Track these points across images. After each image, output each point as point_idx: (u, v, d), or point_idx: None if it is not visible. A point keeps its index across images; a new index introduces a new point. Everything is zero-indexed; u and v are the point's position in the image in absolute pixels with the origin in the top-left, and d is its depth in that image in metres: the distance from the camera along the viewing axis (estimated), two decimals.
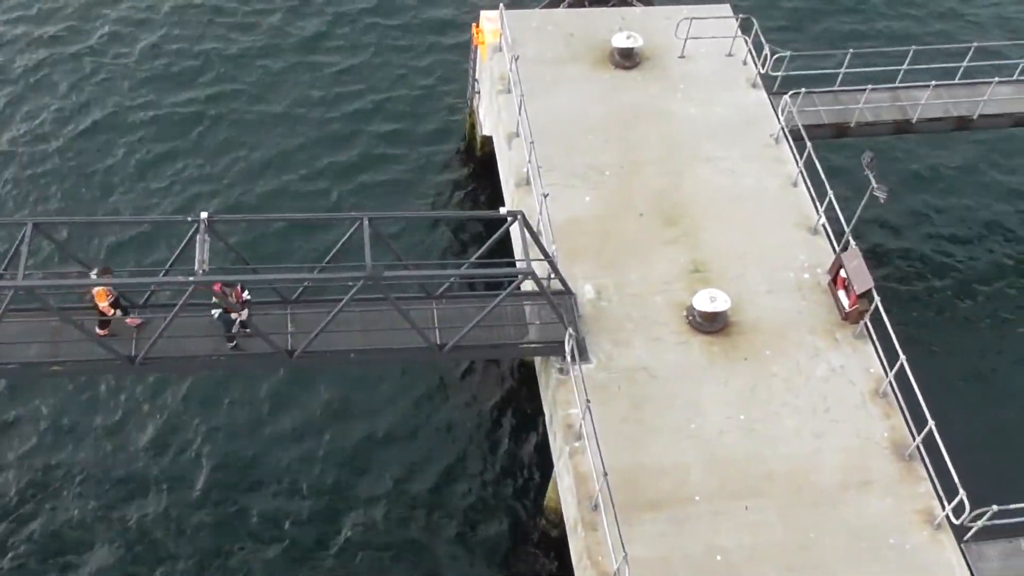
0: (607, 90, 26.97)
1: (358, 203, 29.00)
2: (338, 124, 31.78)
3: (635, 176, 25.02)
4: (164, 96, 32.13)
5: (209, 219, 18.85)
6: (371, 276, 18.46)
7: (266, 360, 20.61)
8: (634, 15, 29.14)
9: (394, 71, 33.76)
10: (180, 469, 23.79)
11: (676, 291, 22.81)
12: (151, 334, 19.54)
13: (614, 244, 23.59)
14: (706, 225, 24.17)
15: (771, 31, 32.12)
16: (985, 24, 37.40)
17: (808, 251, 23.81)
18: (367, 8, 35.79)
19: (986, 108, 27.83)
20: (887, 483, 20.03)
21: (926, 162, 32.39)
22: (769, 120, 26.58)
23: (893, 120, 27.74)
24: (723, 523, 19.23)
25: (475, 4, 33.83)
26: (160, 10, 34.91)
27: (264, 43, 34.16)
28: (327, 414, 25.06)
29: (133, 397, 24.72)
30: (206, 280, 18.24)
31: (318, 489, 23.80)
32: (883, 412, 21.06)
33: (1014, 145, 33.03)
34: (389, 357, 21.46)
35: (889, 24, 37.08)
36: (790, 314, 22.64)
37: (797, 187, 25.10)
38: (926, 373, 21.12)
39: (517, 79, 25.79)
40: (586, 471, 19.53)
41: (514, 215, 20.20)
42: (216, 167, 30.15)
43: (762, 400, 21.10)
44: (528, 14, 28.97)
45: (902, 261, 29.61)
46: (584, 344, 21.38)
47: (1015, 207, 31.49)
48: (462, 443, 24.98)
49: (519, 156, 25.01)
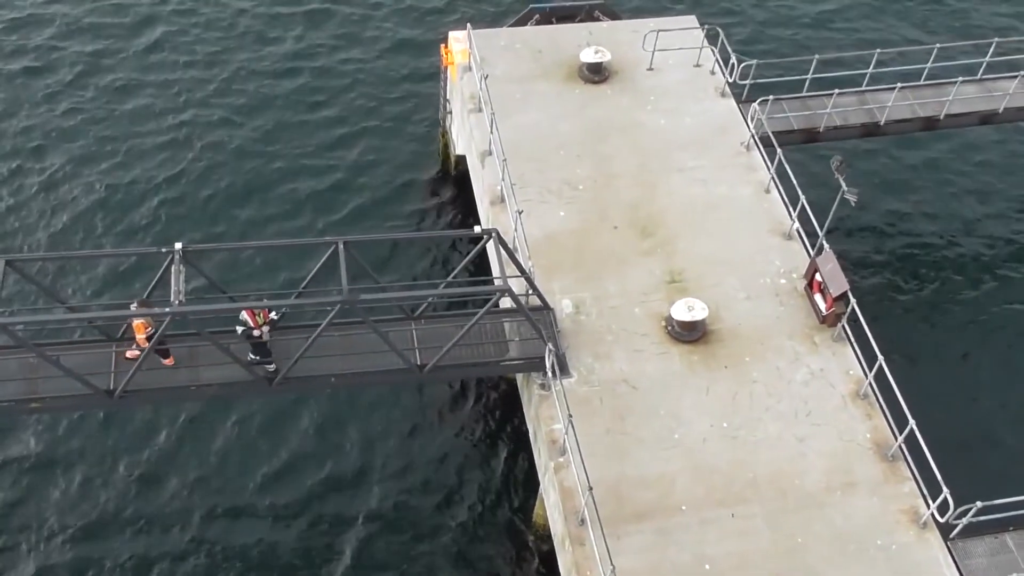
0: (577, 105, 27.12)
1: (334, 227, 28.99)
2: (313, 148, 31.80)
3: (609, 189, 25.14)
4: (138, 126, 32.09)
5: (184, 249, 18.82)
6: (348, 300, 18.48)
7: (247, 388, 20.54)
8: (601, 30, 29.33)
9: (367, 93, 33.84)
10: (166, 500, 23.68)
11: (654, 302, 22.90)
12: (129, 367, 19.46)
13: (591, 258, 23.67)
14: (681, 235, 24.30)
15: (737, 41, 32.49)
16: (947, 25, 37.82)
17: (783, 256, 23.97)
18: (338, 34, 35.87)
19: (952, 108, 28.13)
20: (871, 484, 20.13)
21: (896, 164, 32.66)
22: (739, 128, 26.78)
23: (861, 123, 27.98)
24: (710, 532, 19.27)
25: (443, 23, 34.08)
26: (131, 42, 34.92)
27: (234, 71, 34.20)
28: (312, 436, 25.00)
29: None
30: (183, 311, 18.18)
31: (302, 513, 23.72)
32: (864, 413, 21.18)
33: (982, 145, 33.36)
34: (370, 380, 21.41)
35: (854, 28, 37.44)
36: (768, 320, 22.76)
37: (770, 193, 25.28)
38: (905, 373, 21.33)
39: (487, 98, 25.89)
40: (571, 486, 19.53)
41: (488, 233, 20.24)
42: (192, 196, 30.10)
43: (744, 407, 21.17)
44: (496, 33, 29.12)
45: (876, 262, 29.82)
46: (564, 359, 21.42)
47: (986, 206, 31.77)
48: (448, 462, 24.93)
49: (493, 174, 25.09)
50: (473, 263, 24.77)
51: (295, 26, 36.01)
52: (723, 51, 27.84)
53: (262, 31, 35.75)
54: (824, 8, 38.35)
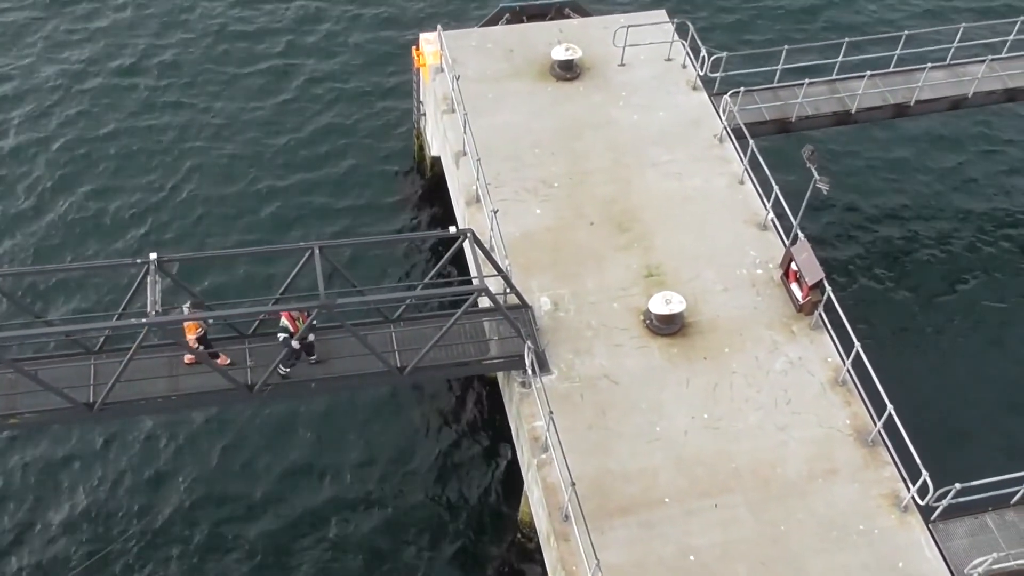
0: (550, 103, 27.19)
1: (312, 232, 28.97)
2: (289, 155, 31.74)
3: (584, 186, 25.22)
4: (116, 136, 32.01)
5: (159, 260, 18.79)
6: (325, 305, 18.50)
7: (226, 396, 20.52)
8: (572, 27, 29.41)
9: (341, 96, 33.82)
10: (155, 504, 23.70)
11: (633, 296, 22.99)
12: (108, 379, 19.41)
13: (568, 254, 23.74)
14: (657, 229, 24.40)
15: (707, 33, 32.62)
16: (915, 11, 38.07)
17: (759, 247, 24.10)
18: (314, 41, 35.87)
19: (922, 94, 28.35)
20: (852, 470, 20.27)
21: (869, 152, 32.86)
22: (712, 121, 26.91)
23: (833, 112, 28.15)
24: (694, 523, 19.38)
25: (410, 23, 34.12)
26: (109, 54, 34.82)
27: (206, 78, 34.15)
28: (297, 439, 25.02)
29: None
30: (160, 322, 18.16)
31: (285, 513, 23.75)
32: (843, 400, 21.33)
33: (957, 132, 33.60)
34: (350, 384, 21.43)
35: (825, 16, 37.63)
36: (746, 310, 22.89)
37: (744, 185, 25.41)
38: (882, 358, 21.54)
39: (460, 98, 25.94)
40: (554, 482, 19.60)
41: (464, 233, 20.28)
42: (170, 205, 30.01)
43: (724, 398, 21.29)
44: (467, 33, 29.16)
45: (851, 250, 30.01)
46: (544, 356, 21.49)
47: (959, 192, 32.00)
48: (433, 462, 24.98)
49: (467, 174, 25.14)
50: (451, 264, 24.84)
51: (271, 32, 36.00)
52: (693, 44, 27.96)
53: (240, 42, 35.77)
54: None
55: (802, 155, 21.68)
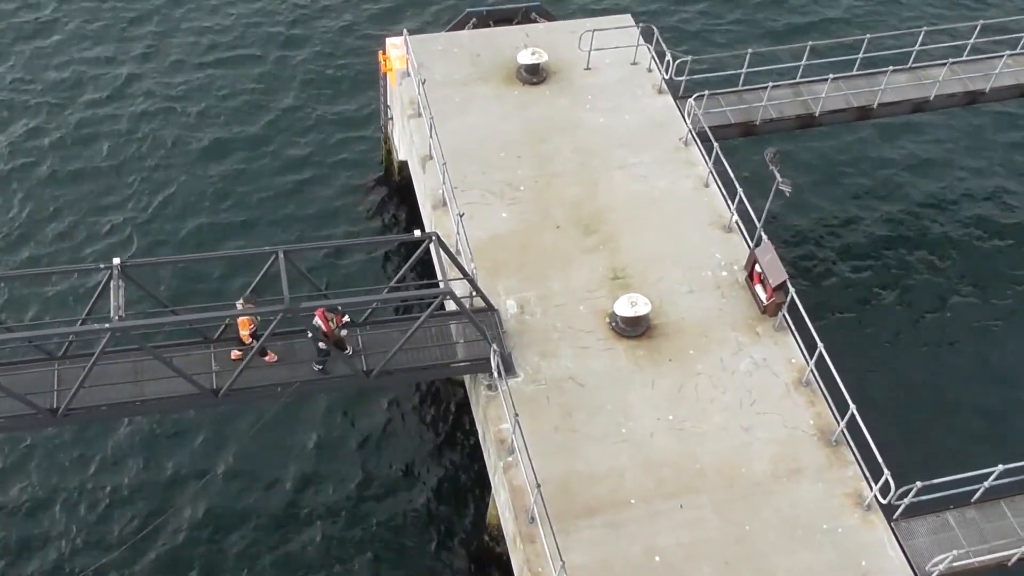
0: (517, 107, 27.27)
1: (278, 236, 28.90)
2: (255, 159, 31.65)
3: (550, 189, 25.32)
4: (88, 144, 31.81)
5: (122, 265, 18.69)
6: (289, 309, 18.47)
7: (193, 400, 20.42)
8: (538, 31, 29.50)
9: (308, 100, 33.77)
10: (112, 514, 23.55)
11: (599, 299, 23.09)
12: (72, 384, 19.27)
13: (534, 257, 23.82)
14: (624, 231, 24.52)
15: (672, 37, 32.83)
16: (878, 14, 38.49)
17: (724, 249, 24.27)
18: (281, 43, 35.77)
19: (884, 96, 28.64)
20: (816, 470, 20.45)
21: (830, 154, 33.18)
22: (677, 124, 27.07)
23: (796, 115, 28.39)
24: (660, 523, 19.48)
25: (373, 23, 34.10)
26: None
27: (173, 81, 33.99)
28: (263, 443, 24.82)
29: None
30: (123, 327, 18.06)
31: (248, 516, 23.74)
32: (807, 400, 21.51)
33: (914, 133, 34.00)
34: (317, 388, 21.37)
35: (787, 21, 37.97)
36: (711, 312, 23.04)
37: (709, 187, 25.59)
38: (845, 359, 21.70)
39: (426, 102, 25.97)
40: (521, 484, 19.65)
41: (428, 237, 20.31)
42: (135, 209, 29.86)
43: (689, 399, 21.42)
44: (433, 38, 29.18)
45: (813, 251, 30.34)
46: (510, 359, 21.54)
47: (920, 192, 32.37)
48: (402, 467, 25.02)
49: (434, 178, 25.16)
50: (419, 268, 24.89)
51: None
52: (658, 48, 28.11)
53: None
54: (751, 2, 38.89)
55: (765, 157, 21.88)
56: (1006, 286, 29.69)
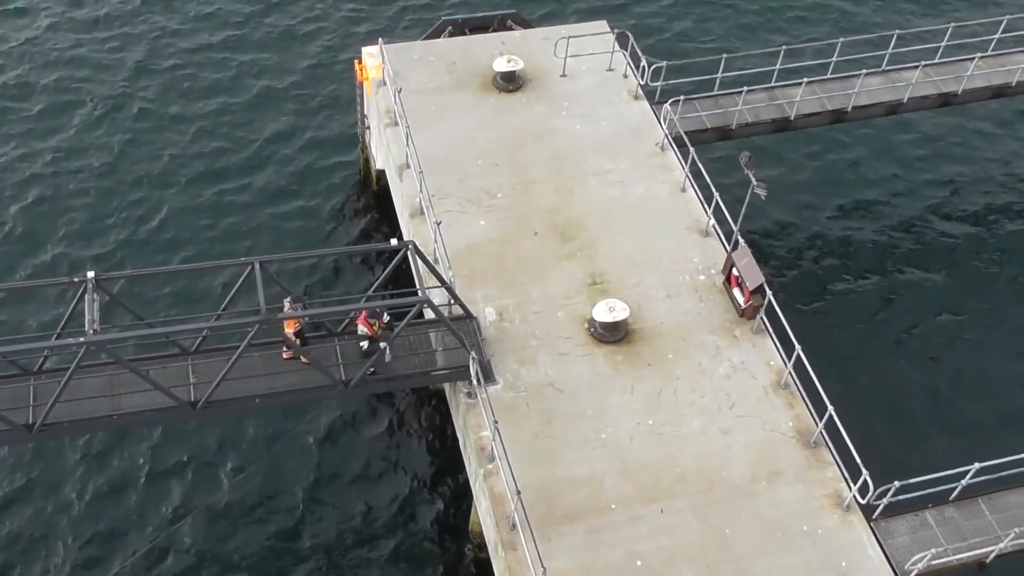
0: (493, 114, 27.31)
1: (258, 247, 28.84)
2: (233, 169, 31.58)
3: (528, 196, 25.35)
4: (62, 155, 31.66)
5: (96, 278, 18.61)
6: (265, 319, 18.43)
7: (170, 413, 20.32)
8: (514, 39, 29.57)
9: (286, 110, 33.73)
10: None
11: (577, 305, 23.12)
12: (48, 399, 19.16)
13: (512, 264, 23.84)
14: (601, 237, 24.57)
15: (647, 42, 32.96)
16: (850, 18, 38.76)
17: (701, 253, 24.35)
18: (259, 53, 35.73)
19: (859, 100, 28.84)
20: (796, 471, 20.53)
21: (806, 157, 33.35)
22: (654, 129, 27.16)
23: (772, 119, 28.53)
24: (640, 528, 19.50)
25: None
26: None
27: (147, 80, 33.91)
28: (241, 454, 24.87)
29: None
30: (98, 340, 17.98)
31: (231, 528, 23.61)
32: (786, 403, 21.59)
33: (889, 135, 34.22)
34: (295, 398, 21.28)
35: (763, 25, 38.18)
36: (689, 316, 23.11)
37: (685, 192, 25.68)
38: (822, 360, 21.80)
39: (402, 111, 25.99)
40: (501, 492, 19.64)
41: (405, 245, 20.30)
42: (110, 221, 29.75)
43: (669, 403, 21.47)
44: (409, 46, 29.20)
45: (789, 253, 30.46)
46: (489, 366, 21.54)
47: (895, 195, 32.56)
48: (385, 475, 24.92)
49: (411, 187, 25.14)
50: (399, 276, 24.87)
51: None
52: (634, 54, 28.21)
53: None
54: (726, 7, 39.05)
55: (739, 161, 21.97)
56: (985, 288, 29.86)
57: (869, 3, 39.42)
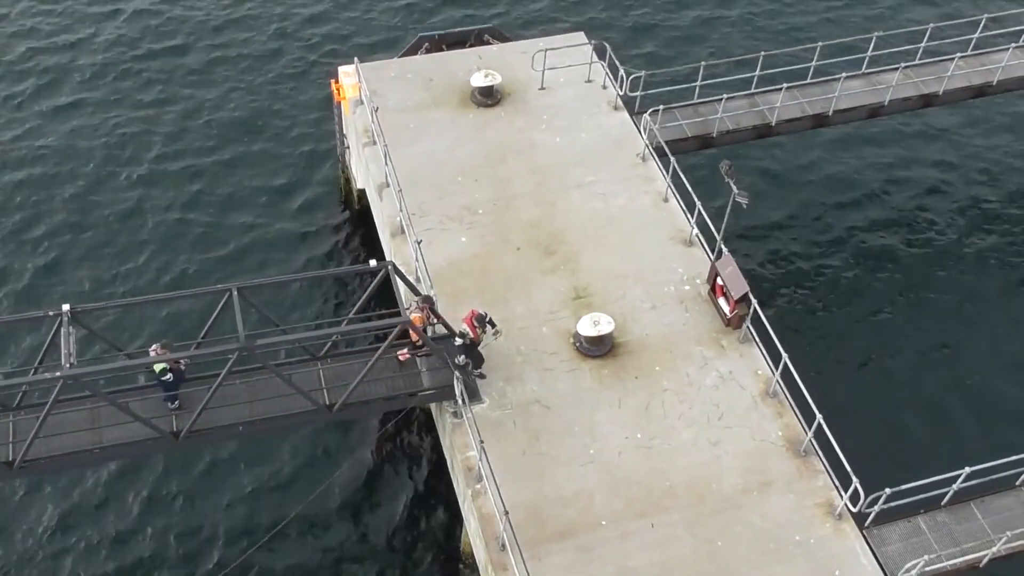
0: (472, 130, 27.16)
1: (237, 271, 28.62)
2: (212, 192, 31.39)
3: (509, 211, 25.18)
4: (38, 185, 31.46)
5: (72, 311, 18.39)
6: (245, 347, 18.22)
7: (152, 445, 20.10)
8: (491, 53, 29.43)
9: (265, 129, 33.56)
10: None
11: (562, 319, 22.94)
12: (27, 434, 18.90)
13: (495, 281, 23.65)
14: (584, 250, 24.41)
15: (625, 52, 32.86)
16: (830, 21, 38.73)
17: (685, 263, 24.20)
18: (234, 73, 35.58)
19: (839, 103, 28.73)
20: (786, 481, 20.34)
21: (787, 165, 33.24)
22: (634, 140, 27.03)
23: (753, 125, 28.40)
24: (631, 543, 19.30)
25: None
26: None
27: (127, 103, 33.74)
28: (233, 477, 24.71)
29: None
30: (75, 374, 17.75)
31: (228, 553, 23.38)
32: (775, 412, 21.42)
33: (872, 139, 34.15)
34: (278, 424, 21.01)
35: (741, 30, 38.14)
36: (675, 327, 22.94)
37: (668, 202, 25.53)
38: (809, 368, 21.66)
39: (379, 130, 25.83)
40: (490, 512, 19.42)
41: (384, 266, 20.12)
42: (89, 246, 29.55)
43: (657, 416, 21.28)
44: (385, 64, 29.04)
45: (773, 262, 30.34)
46: (475, 385, 21.33)
47: (880, 202, 32.47)
48: (376, 497, 24.73)
49: (391, 206, 24.98)
50: (381, 296, 24.62)
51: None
52: (612, 65, 28.09)
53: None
54: (703, 14, 38.97)
55: (720, 170, 21.86)
56: (972, 293, 29.72)
57: (843, 8, 39.44)
